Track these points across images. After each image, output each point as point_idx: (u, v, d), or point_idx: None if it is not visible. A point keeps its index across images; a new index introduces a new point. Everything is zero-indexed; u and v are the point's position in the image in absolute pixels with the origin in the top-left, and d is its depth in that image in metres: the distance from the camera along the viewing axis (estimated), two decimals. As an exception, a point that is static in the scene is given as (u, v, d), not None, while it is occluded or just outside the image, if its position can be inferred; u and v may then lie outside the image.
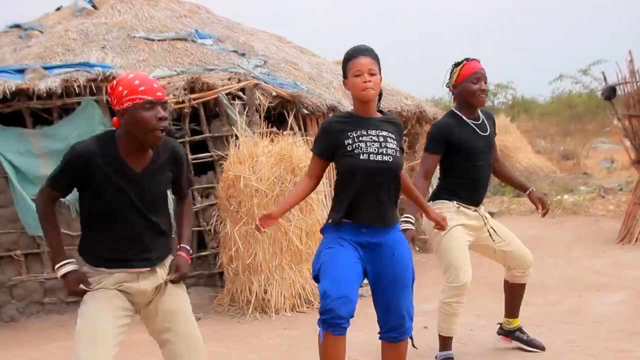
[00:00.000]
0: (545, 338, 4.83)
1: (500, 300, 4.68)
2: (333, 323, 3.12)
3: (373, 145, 3.30)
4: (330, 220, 3.44)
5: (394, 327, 3.40)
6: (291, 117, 7.43)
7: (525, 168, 17.65)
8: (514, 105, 27.12)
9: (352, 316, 3.20)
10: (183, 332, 2.95)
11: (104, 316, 2.81)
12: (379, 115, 3.46)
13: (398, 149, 3.42)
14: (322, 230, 3.51)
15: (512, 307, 4.56)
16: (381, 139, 3.34)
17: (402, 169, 3.48)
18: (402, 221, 3.79)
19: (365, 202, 3.30)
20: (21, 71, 7.18)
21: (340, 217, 3.35)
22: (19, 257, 6.97)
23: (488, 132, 4.24)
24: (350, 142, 3.31)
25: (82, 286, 2.84)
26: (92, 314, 2.81)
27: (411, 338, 3.47)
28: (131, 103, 2.72)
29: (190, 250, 3.07)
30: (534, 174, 17.31)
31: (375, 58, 3.37)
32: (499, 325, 4.70)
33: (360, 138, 3.31)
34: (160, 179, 2.93)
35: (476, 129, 4.17)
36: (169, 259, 3.05)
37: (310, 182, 3.49)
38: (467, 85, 4.13)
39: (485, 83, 4.17)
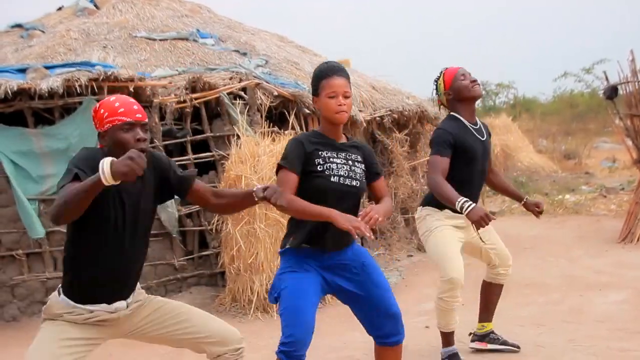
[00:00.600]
0: (546, 337, 4.84)
1: (502, 299, 4.66)
2: (295, 356, 3.14)
3: (343, 167, 3.23)
4: (288, 245, 3.30)
5: (392, 331, 3.37)
6: (292, 116, 7.43)
7: (526, 167, 17.65)
8: (516, 105, 27.14)
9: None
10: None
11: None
12: (344, 140, 3.37)
13: (364, 173, 3.33)
14: (282, 253, 3.37)
15: (488, 309, 4.55)
16: (350, 163, 3.27)
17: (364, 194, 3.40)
18: (462, 205, 3.71)
19: (328, 226, 3.10)
20: (23, 71, 7.18)
21: (301, 241, 3.24)
22: (21, 256, 6.97)
23: (484, 138, 4.24)
24: (321, 162, 3.21)
25: None
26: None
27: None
28: (110, 125, 2.75)
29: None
30: (536, 173, 17.32)
31: (348, 79, 3.28)
32: (470, 335, 4.68)
33: (331, 159, 3.23)
34: (146, 194, 2.90)
35: (475, 133, 4.17)
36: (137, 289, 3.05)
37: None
38: (458, 84, 4.14)
39: (470, 75, 4.19)
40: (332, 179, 3.19)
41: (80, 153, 2.80)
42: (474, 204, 3.72)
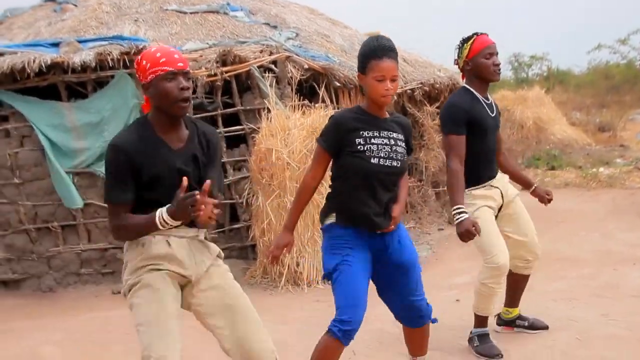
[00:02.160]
0: (579, 312, 4.78)
1: (533, 273, 4.59)
2: (349, 335, 3.12)
3: (384, 148, 3.18)
4: (333, 221, 3.28)
5: (415, 317, 3.40)
6: (322, 89, 7.40)
7: (560, 140, 17.37)
8: (549, 77, 26.67)
9: None
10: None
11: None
12: (387, 115, 3.32)
13: (405, 152, 3.31)
14: (327, 229, 3.33)
15: (514, 297, 4.47)
16: (392, 142, 3.22)
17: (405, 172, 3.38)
18: (456, 213, 3.69)
19: (368, 204, 3.16)
20: (56, 45, 7.25)
21: (345, 218, 3.24)
22: (56, 228, 7.09)
23: (495, 114, 4.13)
24: (362, 142, 3.16)
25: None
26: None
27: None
28: (154, 75, 2.73)
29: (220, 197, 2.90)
30: (569, 146, 17.04)
31: (397, 59, 3.18)
32: (496, 317, 4.61)
33: (372, 140, 3.18)
34: (195, 161, 2.88)
35: (486, 107, 4.07)
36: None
37: (319, 179, 3.33)
38: (480, 60, 3.99)
39: (497, 57, 4.04)
40: (372, 161, 3.15)
41: (118, 140, 2.76)
42: (466, 217, 3.66)
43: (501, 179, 4.19)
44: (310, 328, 4.97)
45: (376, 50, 3.12)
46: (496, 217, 4.14)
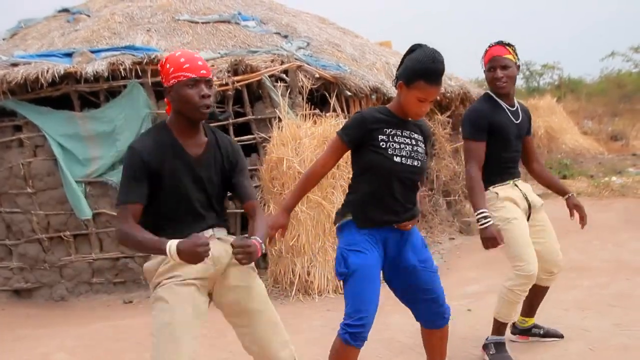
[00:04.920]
0: (592, 321, 4.75)
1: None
2: (357, 337, 3.11)
3: (406, 147, 3.21)
4: (349, 218, 3.28)
5: (441, 310, 3.37)
6: (334, 98, 7.40)
7: (571, 149, 17.33)
8: (561, 86, 26.63)
9: None
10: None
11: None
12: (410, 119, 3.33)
13: (425, 153, 3.34)
14: (342, 228, 3.32)
15: (531, 307, 4.45)
16: (413, 142, 3.25)
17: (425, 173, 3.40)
18: (481, 217, 3.69)
19: (387, 203, 3.20)
20: (69, 55, 7.31)
21: (362, 217, 3.24)
22: (68, 238, 7.12)
23: (519, 120, 4.11)
24: (384, 139, 3.18)
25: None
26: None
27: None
28: (176, 80, 2.74)
29: (264, 245, 2.83)
30: (581, 155, 16.99)
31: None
32: (512, 326, 4.56)
33: (395, 138, 3.20)
34: (215, 168, 2.88)
35: (510, 114, 4.06)
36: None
37: (328, 168, 3.36)
38: (486, 73, 4.06)
39: (503, 69, 4.01)
40: (395, 159, 3.17)
41: (136, 146, 2.75)
42: (491, 222, 3.67)
43: (525, 186, 4.19)
44: (321, 337, 4.97)
45: (430, 74, 3.08)
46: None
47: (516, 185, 4.11)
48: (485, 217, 3.69)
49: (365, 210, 3.24)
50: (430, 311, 3.37)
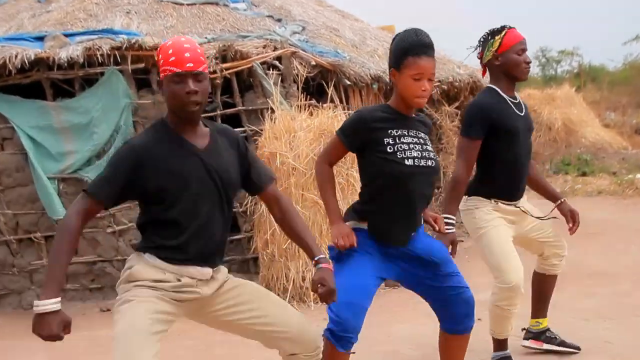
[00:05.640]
0: (614, 332, 4.76)
1: (562, 289, 4.59)
2: (340, 337, 3.10)
3: (415, 147, 3.20)
4: (356, 226, 3.30)
5: (465, 314, 3.37)
6: (331, 88, 7.40)
7: (591, 144, 17.33)
8: (580, 74, 26.64)
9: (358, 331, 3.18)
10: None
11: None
12: (414, 114, 3.36)
13: (435, 151, 3.37)
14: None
15: (542, 303, 4.44)
16: (421, 141, 3.25)
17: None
18: (445, 222, 3.68)
19: (400, 216, 3.22)
20: (40, 39, 7.28)
21: (378, 235, 3.26)
22: (39, 239, 7.10)
23: (524, 113, 4.12)
24: (391, 142, 3.17)
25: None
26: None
27: None
28: (164, 75, 2.74)
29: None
30: (602, 150, 16.99)
31: (434, 57, 3.21)
32: (524, 331, 4.57)
33: (402, 139, 3.19)
34: (226, 158, 2.89)
35: (514, 108, 4.05)
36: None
37: (333, 163, 3.42)
38: (511, 56, 3.97)
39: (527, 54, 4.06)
40: (406, 162, 3.15)
41: (134, 142, 2.82)
42: (453, 231, 3.70)
43: (526, 202, 4.20)
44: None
45: (415, 46, 3.13)
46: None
47: (516, 206, 4.10)
48: (447, 224, 3.67)
49: (374, 227, 3.26)
50: (452, 308, 3.37)
